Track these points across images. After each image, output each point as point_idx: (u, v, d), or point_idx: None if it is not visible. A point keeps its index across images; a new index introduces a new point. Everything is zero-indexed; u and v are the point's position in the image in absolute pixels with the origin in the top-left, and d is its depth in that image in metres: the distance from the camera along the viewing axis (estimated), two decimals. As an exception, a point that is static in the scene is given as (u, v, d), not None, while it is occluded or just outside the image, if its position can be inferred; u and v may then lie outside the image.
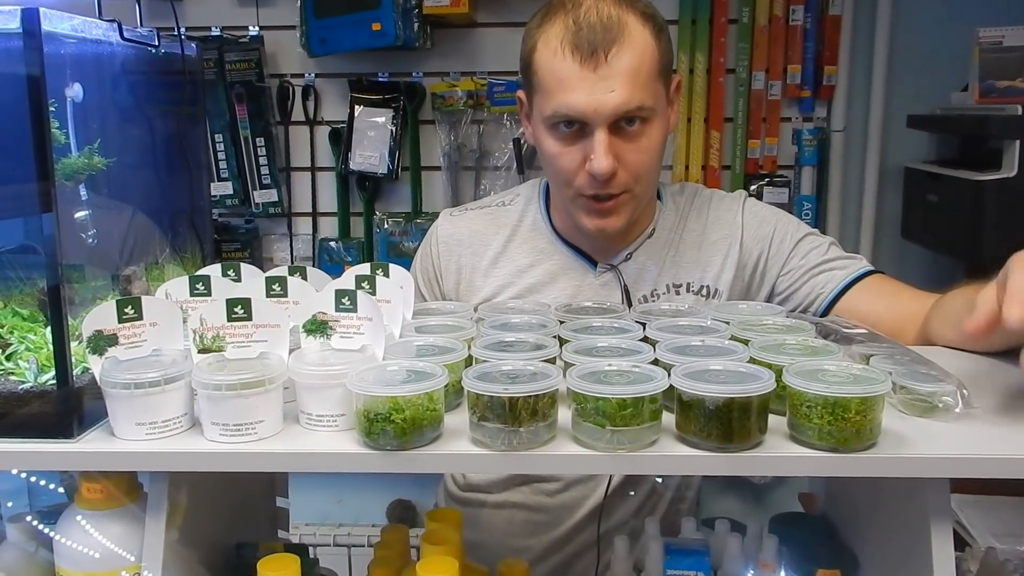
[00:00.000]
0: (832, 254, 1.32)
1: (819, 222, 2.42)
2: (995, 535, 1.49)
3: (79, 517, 0.92)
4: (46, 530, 0.98)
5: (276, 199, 2.48)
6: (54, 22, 0.84)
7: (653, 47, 1.17)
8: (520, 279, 1.34)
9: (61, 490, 1.04)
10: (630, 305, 1.28)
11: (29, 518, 1.01)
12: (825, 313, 1.28)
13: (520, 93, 1.31)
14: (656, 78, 1.18)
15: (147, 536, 0.88)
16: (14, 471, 0.97)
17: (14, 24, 0.78)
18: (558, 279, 1.34)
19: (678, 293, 1.32)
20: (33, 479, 1.04)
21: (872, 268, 1.31)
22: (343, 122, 2.46)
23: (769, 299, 1.33)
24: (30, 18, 0.78)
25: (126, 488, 0.93)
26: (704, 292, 1.31)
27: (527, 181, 1.47)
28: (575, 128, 1.18)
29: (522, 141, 2.37)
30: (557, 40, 1.16)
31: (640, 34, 1.16)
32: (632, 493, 1.36)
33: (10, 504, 1.08)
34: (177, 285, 0.95)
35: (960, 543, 1.38)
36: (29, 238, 0.89)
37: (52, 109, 0.84)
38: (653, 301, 1.31)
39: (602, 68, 1.13)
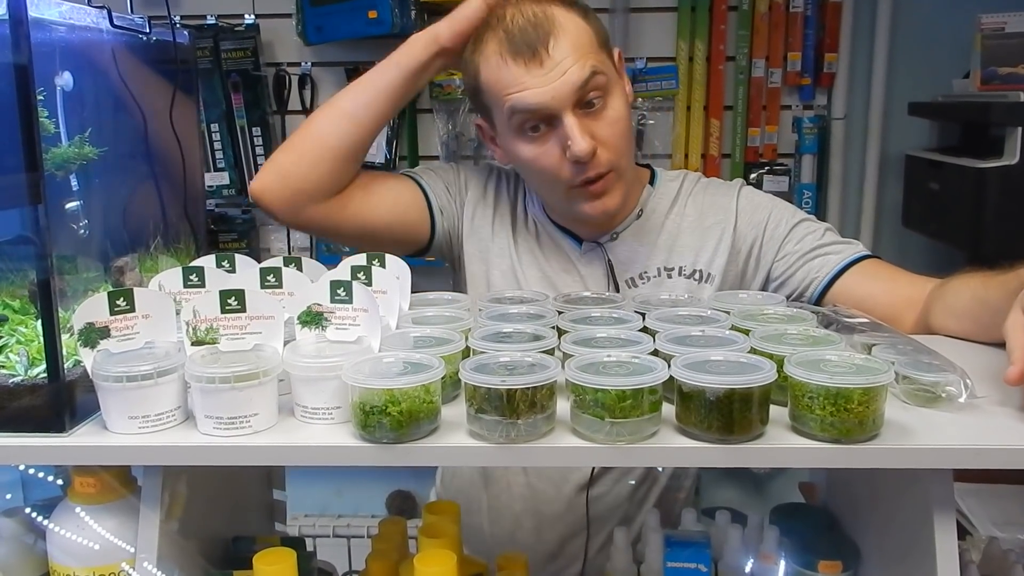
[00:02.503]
0: (828, 239, 1.31)
1: (819, 210, 2.41)
2: (996, 524, 1.49)
3: (73, 511, 0.91)
4: (41, 522, 0.97)
5: (273, 189, 2.46)
6: (42, 8, 0.82)
7: (584, 27, 1.20)
8: (513, 252, 1.35)
9: (60, 482, 1.03)
10: (615, 283, 1.29)
11: (28, 510, 1.00)
12: (820, 298, 1.27)
13: (478, 121, 1.31)
14: (599, 50, 1.21)
15: (141, 530, 0.87)
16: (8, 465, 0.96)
17: (0, 10, 0.76)
18: (546, 251, 1.34)
19: (670, 276, 1.31)
20: (31, 471, 1.04)
21: (868, 252, 1.30)
22: (340, 111, 2.44)
23: (765, 286, 1.32)
24: (16, 3, 0.76)
25: (120, 482, 0.92)
26: (696, 276, 1.30)
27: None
28: (543, 128, 1.19)
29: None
30: (496, 54, 1.18)
31: (569, 20, 1.18)
32: (632, 483, 1.35)
33: (8, 496, 1.07)
34: (170, 276, 0.94)
35: (961, 532, 1.38)
36: (19, 229, 0.87)
37: (41, 98, 0.82)
38: (643, 283, 1.30)
39: (548, 62, 1.16)
